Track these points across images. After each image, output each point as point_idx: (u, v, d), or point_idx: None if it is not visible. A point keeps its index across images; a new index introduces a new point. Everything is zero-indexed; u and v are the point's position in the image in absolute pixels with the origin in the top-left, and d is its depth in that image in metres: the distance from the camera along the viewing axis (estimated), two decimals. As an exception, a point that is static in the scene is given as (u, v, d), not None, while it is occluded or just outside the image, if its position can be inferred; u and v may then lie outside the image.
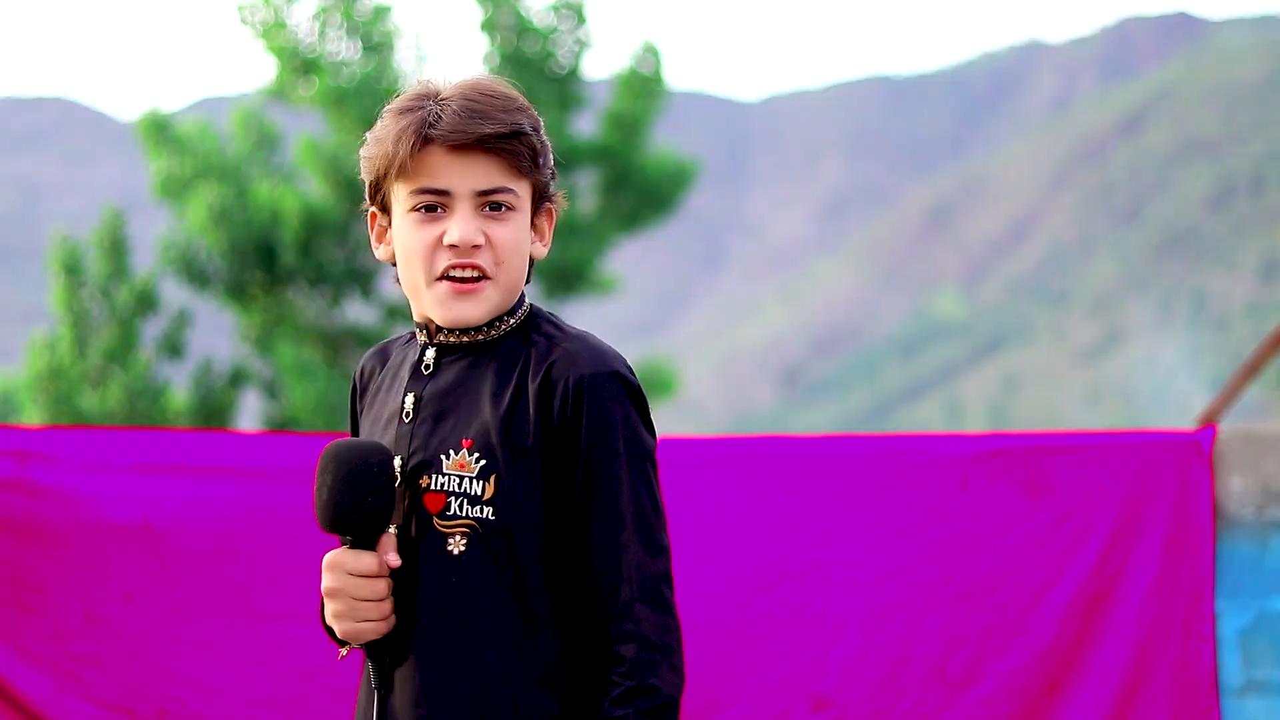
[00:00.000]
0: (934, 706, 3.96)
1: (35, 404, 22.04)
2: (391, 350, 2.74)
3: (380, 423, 2.64)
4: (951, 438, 4.12)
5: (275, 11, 22.21)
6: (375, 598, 2.51)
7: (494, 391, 2.54)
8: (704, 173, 24.11)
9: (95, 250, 22.63)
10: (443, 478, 2.52)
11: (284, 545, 4.03)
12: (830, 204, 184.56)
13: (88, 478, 4.02)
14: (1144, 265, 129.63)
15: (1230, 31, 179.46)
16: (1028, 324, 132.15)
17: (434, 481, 2.52)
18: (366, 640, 2.54)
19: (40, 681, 3.95)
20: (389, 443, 2.59)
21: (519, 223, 2.58)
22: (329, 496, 2.50)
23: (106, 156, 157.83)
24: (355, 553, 2.52)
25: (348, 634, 2.54)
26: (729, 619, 4.02)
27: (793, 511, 4.05)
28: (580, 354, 2.53)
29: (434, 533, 2.51)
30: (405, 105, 2.58)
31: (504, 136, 2.53)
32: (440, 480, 2.52)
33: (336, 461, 2.50)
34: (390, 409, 2.63)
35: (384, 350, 2.76)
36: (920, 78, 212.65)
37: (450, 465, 2.52)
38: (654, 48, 22.73)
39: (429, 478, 2.53)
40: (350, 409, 2.79)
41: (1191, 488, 3.97)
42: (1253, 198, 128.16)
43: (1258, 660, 3.95)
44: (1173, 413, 78.81)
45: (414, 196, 2.56)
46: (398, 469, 2.55)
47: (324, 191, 21.83)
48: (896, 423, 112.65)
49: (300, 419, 21.08)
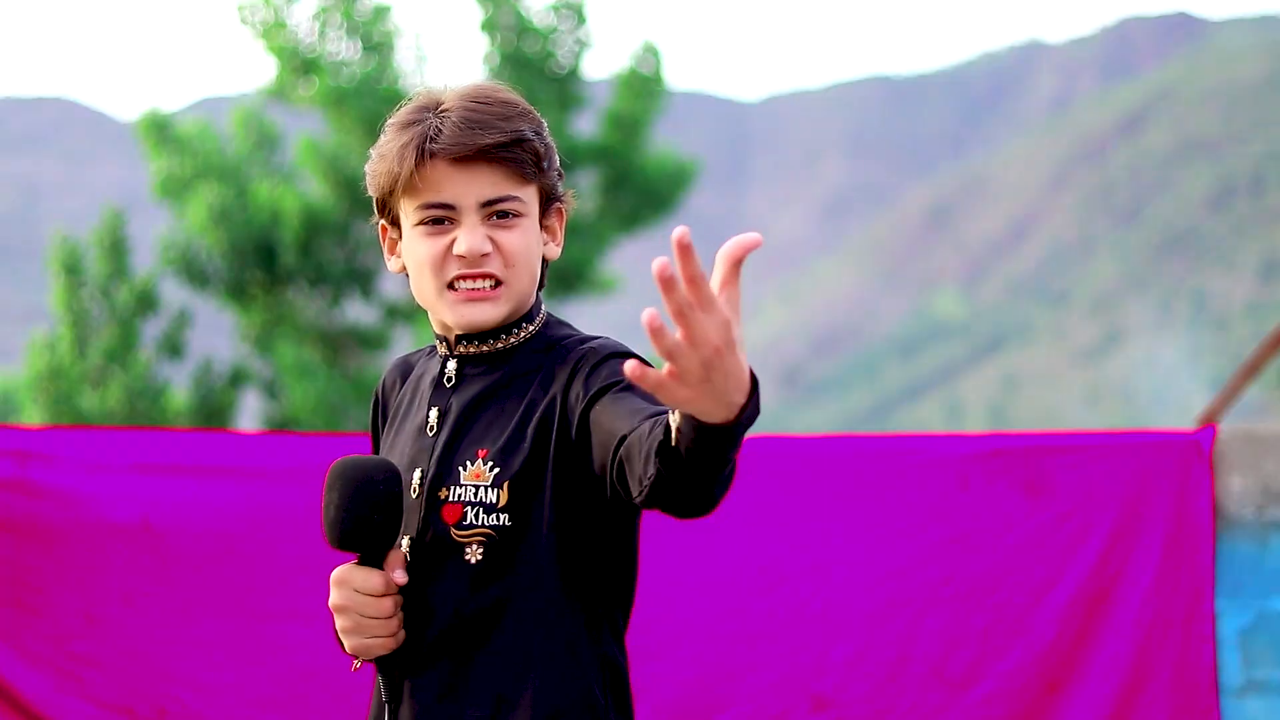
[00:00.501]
0: (934, 706, 3.96)
1: (35, 404, 22.05)
2: (413, 363, 2.74)
3: (404, 435, 2.64)
4: (951, 438, 4.12)
5: (275, 11, 22.21)
6: (382, 615, 2.50)
7: (513, 402, 2.54)
8: (704, 173, 24.12)
9: (95, 250, 22.64)
10: (460, 488, 2.51)
11: (284, 545, 4.04)
12: (830, 204, 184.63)
13: (88, 478, 4.03)
14: (1144, 265, 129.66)
15: (1230, 31, 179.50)
16: (1028, 324, 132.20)
17: (451, 493, 2.52)
18: (375, 655, 2.54)
19: (40, 681, 3.95)
20: (412, 456, 2.59)
21: (527, 228, 2.57)
22: (335, 514, 2.49)
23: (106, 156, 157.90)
24: (363, 570, 2.51)
25: (356, 650, 2.53)
26: (729, 619, 4.02)
27: (793, 511, 4.05)
28: (591, 347, 2.53)
29: (451, 543, 2.50)
30: (406, 119, 2.57)
31: (505, 145, 2.53)
32: (457, 491, 2.51)
33: (343, 479, 2.50)
34: (415, 422, 2.63)
35: (406, 363, 2.76)
36: (920, 78, 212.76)
37: (467, 476, 2.52)
38: (654, 48, 22.74)
39: (447, 489, 2.52)
40: (371, 423, 2.79)
41: (1191, 488, 3.97)
42: (1253, 198, 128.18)
43: (1258, 660, 3.95)
44: (1173, 413, 78.85)
45: (420, 211, 2.55)
46: (418, 481, 2.55)
47: (324, 191, 21.83)
48: (896, 423, 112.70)
49: (300, 419, 21.08)
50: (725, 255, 1.98)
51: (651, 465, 2.19)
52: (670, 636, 3.99)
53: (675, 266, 1.93)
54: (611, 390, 2.42)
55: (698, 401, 2.02)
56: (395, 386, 2.74)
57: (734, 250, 1.98)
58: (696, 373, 1.99)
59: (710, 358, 1.98)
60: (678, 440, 2.11)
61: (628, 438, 2.30)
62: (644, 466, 2.22)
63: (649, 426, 2.24)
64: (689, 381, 1.99)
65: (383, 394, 2.76)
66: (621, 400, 2.39)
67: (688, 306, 1.95)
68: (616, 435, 2.35)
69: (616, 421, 2.36)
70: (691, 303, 1.95)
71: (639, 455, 2.24)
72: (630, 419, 2.34)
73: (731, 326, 1.99)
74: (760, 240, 2.01)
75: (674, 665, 3.97)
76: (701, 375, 1.99)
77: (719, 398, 2.02)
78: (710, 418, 2.05)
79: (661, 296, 1.94)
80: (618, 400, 2.40)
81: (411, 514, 2.55)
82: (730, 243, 1.99)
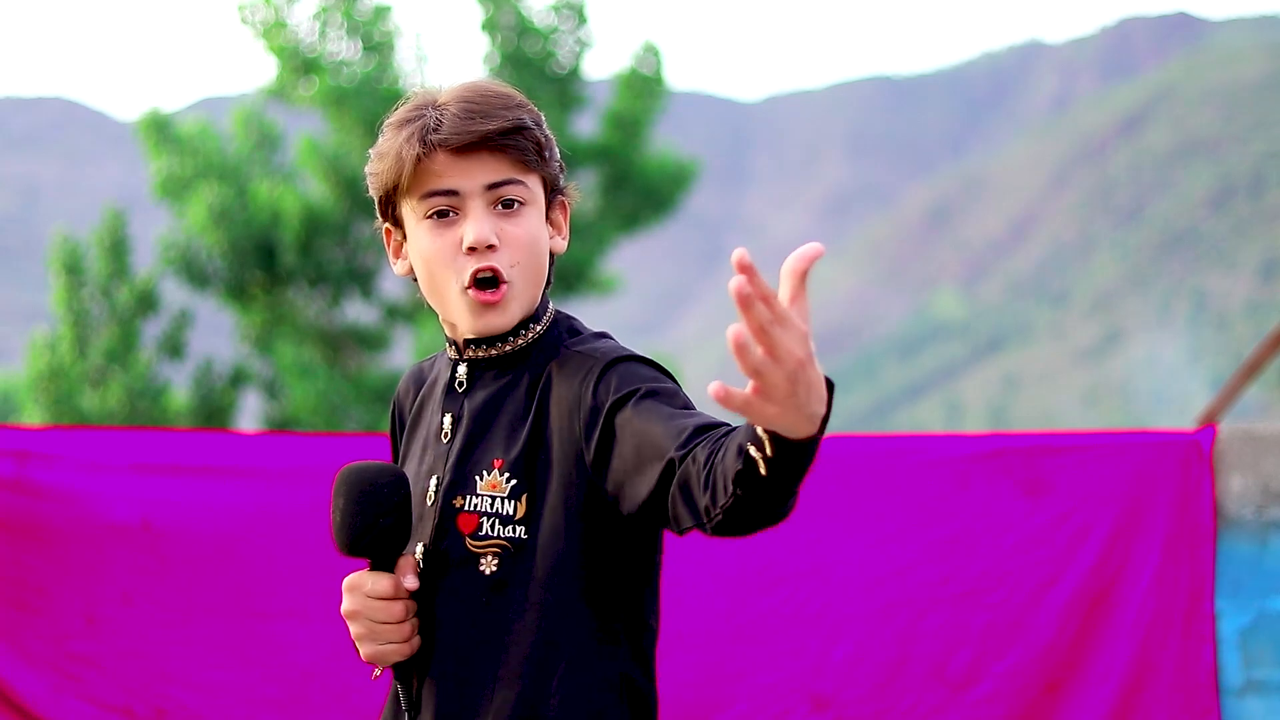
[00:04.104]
0: (933, 706, 3.96)
1: (35, 404, 22.04)
2: (426, 371, 2.72)
3: (421, 442, 2.62)
4: (951, 438, 4.11)
5: (275, 11, 22.19)
6: (393, 620, 2.48)
7: (524, 408, 2.51)
8: (704, 173, 24.10)
9: (95, 250, 22.64)
10: (475, 498, 2.49)
11: (284, 545, 4.03)
12: (830, 204, 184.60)
13: (88, 478, 4.02)
14: (1144, 265, 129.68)
15: (1230, 31, 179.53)
16: (1028, 324, 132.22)
17: (467, 502, 2.50)
18: (391, 662, 2.52)
19: (39, 681, 3.95)
20: (429, 463, 2.57)
21: (533, 217, 2.54)
22: (342, 520, 2.49)
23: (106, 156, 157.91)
24: (373, 575, 2.50)
25: (371, 656, 2.52)
26: (729, 619, 4.02)
27: (793, 511, 4.04)
28: (595, 352, 2.51)
29: (467, 553, 2.48)
30: (405, 116, 2.54)
31: (507, 132, 2.50)
32: (473, 501, 2.49)
33: (348, 485, 2.49)
34: (431, 428, 2.61)
35: (419, 371, 2.74)
36: (920, 78, 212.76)
37: (483, 486, 2.49)
38: (654, 48, 22.72)
39: (462, 498, 2.50)
40: (390, 436, 2.77)
41: (1191, 488, 3.97)
42: (1253, 198, 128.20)
43: (1258, 660, 3.95)
44: (1173, 413, 78.85)
45: (425, 203, 2.52)
46: (433, 488, 2.54)
47: (324, 191, 21.82)
48: (896, 423, 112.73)
49: (300, 419, 21.08)
50: (790, 270, 1.98)
51: (724, 495, 2.16)
52: (670, 637, 3.98)
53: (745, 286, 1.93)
54: (633, 399, 2.39)
55: (783, 417, 2.02)
56: (409, 395, 2.72)
57: (797, 264, 1.98)
58: (783, 387, 1.99)
59: (795, 371, 1.98)
60: (763, 464, 2.10)
61: (680, 465, 2.26)
62: (712, 496, 2.19)
63: (707, 453, 2.22)
64: (775, 397, 2.00)
65: (397, 404, 2.75)
66: (647, 409, 2.37)
67: (768, 323, 1.95)
68: (658, 453, 2.31)
69: (650, 435, 2.33)
70: (771, 319, 1.95)
71: (702, 484, 2.21)
72: (670, 434, 2.30)
73: (809, 339, 2.00)
74: (822, 249, 2.01)
75: (674, 665, 3.97)
76: (788, 390, 1.99)
77: (802, 410, 2.02)
78: (794, 432, 2.05)
79: (741, 316, 1.94)
80: (642, 410, 2.37)
81: (426, 522, 2.53)
82: (793, 257, 1.99)
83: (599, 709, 2.45)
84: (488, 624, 2.47)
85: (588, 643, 2.46)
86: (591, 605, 2.46)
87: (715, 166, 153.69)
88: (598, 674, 2.46)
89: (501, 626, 2.46)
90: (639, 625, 2.51)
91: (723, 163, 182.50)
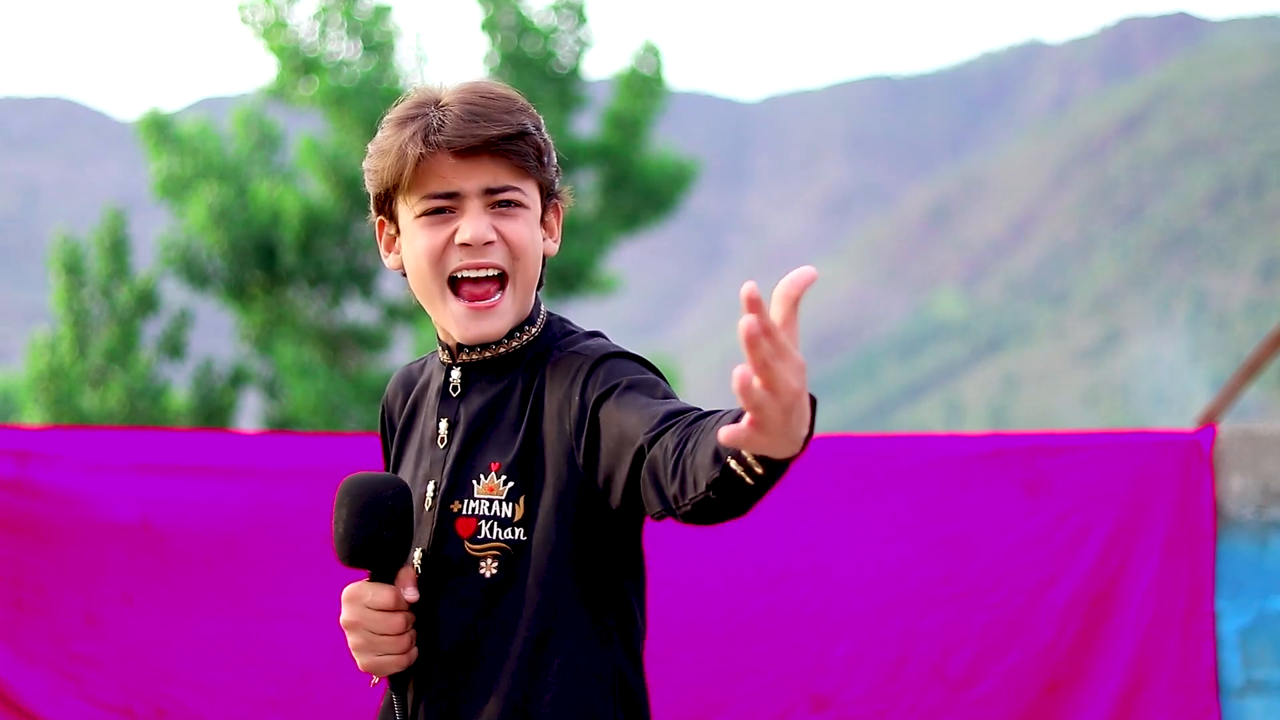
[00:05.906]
0: (933, 706, 3.96)
1: (35, 404, 22.05)
2: (415, 373, 2.72)
3: (416, 447, 2.62)
4: (951, 438, 4.11)
5: (275, 11, 22.20)
6: (392, 632, 2.49)
7: (519, 411, 2.52)
8: (704, 173, 24.10)
9: (95, 250, 22.64)
10: (474, 502, 2.50)
11: (284, 545, 4.03)
12: (830, 204, 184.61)
13: (88, 478, 4.02)
14: (1144, 265, 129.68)
15: (1230, 31, 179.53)
16: (1028, 324, 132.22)
17: (465, 506, 2.50)
18: (389, 673, 2.52)
19: (39, 682, 3.95)
20: (426, 468, 2.57)
21: (530, 220, 2.55)
22: (345, 530, 2.48)
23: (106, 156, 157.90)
24: (374, 586, 2.50)
25: (369, 667, 2.52)
26: (729, 619, 4.02)
27: (792, 511, 4.05)
28: (585, 351, 2.51)
29: (466, 557, 2.49)
30: (406, 114, 2.54)
31: (509, 138, 2.51)
32: (471, 505, 2.50)
33: (352, 496, 2.49)
34: (425, 433, 2.61)
35: (408, 374, 2.74)
36: (920, 78, 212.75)
37: (481, 490, 2.50)
38: (654, 48, 22.73)
39: (460, 503, 2.51)
40: (381, 440, 2.77)
41: (1191, 488, 3.97)
42: (1253, 198, 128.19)
43: (1258, 660, 3.95)
44: (1173, 413, 78.87)
45: (423, 203, 2.52)
46: (431, 494, 2.54)
47: (324, 191, 21.82)
48: (896, 423, 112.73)
49: (300, 419, 21.08)
50: (783, 295, 1.99)
51: (693, 490, 2.18)
52: (670, 637, 3.98)
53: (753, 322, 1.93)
54: (615, 392, 2.40)
55: (773, 445, 2.05)
56: (397, 398, 2.72)
57: (790, 289, 1.99)
58: (778, 420, 2.01)
59: (790, 404, 2.00)
60: (747, 477, 2.12)
61: (649, 450, 2.29)
62: (681, 487, 2.21)
63: (676, 440, 2.23)
64: (770, 430, 2.02)
65: (386, 407, 2.75)
66: (626, 400, 2.38)
67: (771, 357, 1.96)
68: (630, 441, 2.33)
69: (626, 425, 2.35)
70: (773, 352, 1.96)
71: (669, 472, 2.23)
72: (643, 421, 2.32)
73: (804, 370, 2.01)
74: (815, 274, 2.02)
75: (674, 666, 3.97)
76: (782, 422, 2.01)
77: (791, 435, 2.05)
78: (779, 454, 2.07)
79: (745, 352, 1.95)
80: (623, 402, 2.38)
81: (425, 527, 2.53)
82: (785, 282, 2.00)
83: (592, 705, 2.46)
84: (487, 625, 2.48)
85: (582, 640, 2.47)
86: (585, 603, 2.48)
87: (715, 166, 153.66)
88: (591, 670, 2.47)
89: (500, 627, 2.47)
90: (629, 622, 2.53)
91: (723, 163, 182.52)
